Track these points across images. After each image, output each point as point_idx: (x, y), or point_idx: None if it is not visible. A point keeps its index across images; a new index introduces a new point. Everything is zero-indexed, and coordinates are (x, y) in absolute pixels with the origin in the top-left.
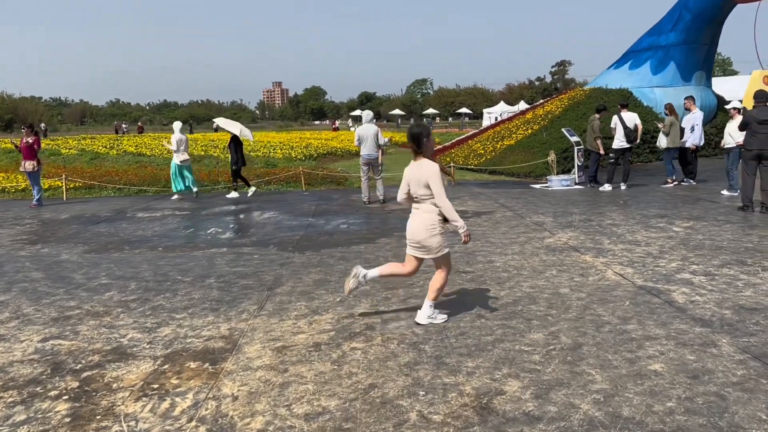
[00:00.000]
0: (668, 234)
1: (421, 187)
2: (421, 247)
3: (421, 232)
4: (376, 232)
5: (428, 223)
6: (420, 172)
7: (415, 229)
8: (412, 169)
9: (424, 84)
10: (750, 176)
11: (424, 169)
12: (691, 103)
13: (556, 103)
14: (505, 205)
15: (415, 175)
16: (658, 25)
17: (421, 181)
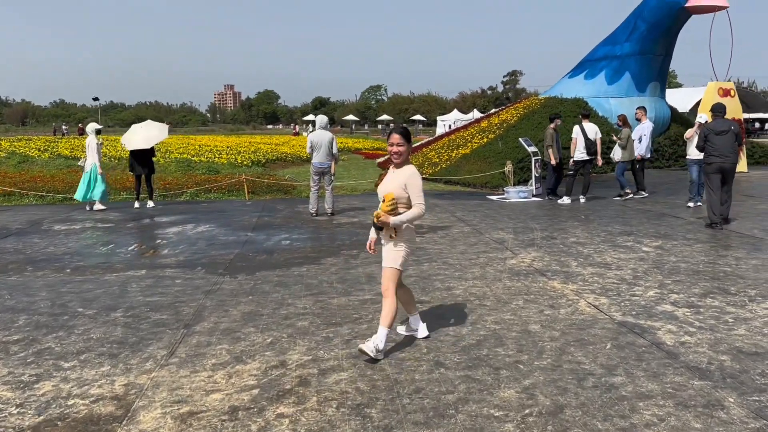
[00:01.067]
0: (638, 255)
1: (399, 190)
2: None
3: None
4: (321, 251)
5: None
6: (400, 176)
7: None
8: (391, 173)
9: (379, 90)
10: (715, 192)
11: (403, 172)
12: (643, 114)
13: (511, 111)
14: (463, 219)
15: (394, 178)
16: (614, 35)
17: (399, 185)
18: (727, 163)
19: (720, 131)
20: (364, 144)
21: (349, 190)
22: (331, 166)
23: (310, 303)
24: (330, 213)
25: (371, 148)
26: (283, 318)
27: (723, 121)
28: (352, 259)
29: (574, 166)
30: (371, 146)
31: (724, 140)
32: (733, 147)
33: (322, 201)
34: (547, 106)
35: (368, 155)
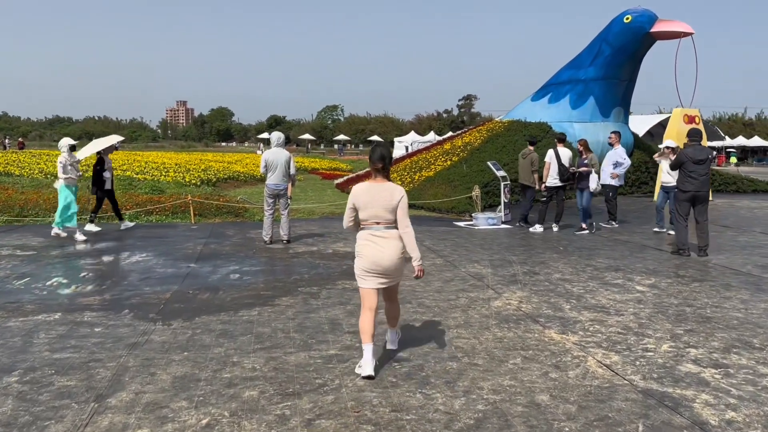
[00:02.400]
0: (634, 295)
1: (389, 210)
2: (389, 276)
3: (397, 260)
4: (276, 287)
5: (401, 249)
6: (390, 194)
7: (388, 259)
8: (373, 190)
9: (335, 110)
10: (684, 219)
11: (394, 191)
12: (617, 139)
13: (474, 134)
14: (433, 249)
15: (380, 197)
16: (578, 59)
17: (390, 204)
18: (702, 192)
19: (698, 160)
20: (320, 164)
21: (306, 213)
22: (288, 188)
23: (261, 361)
24: (286, 240)
25: (328, 168)
26: (226, 385)
27: (701, 148)
28: (312, 298)
29: (547, 193)
30: (328, 166)
31: (702, 169)
32: (707, 176)
33: (278, 226)
34: (510, 130)
35: (326, 175)
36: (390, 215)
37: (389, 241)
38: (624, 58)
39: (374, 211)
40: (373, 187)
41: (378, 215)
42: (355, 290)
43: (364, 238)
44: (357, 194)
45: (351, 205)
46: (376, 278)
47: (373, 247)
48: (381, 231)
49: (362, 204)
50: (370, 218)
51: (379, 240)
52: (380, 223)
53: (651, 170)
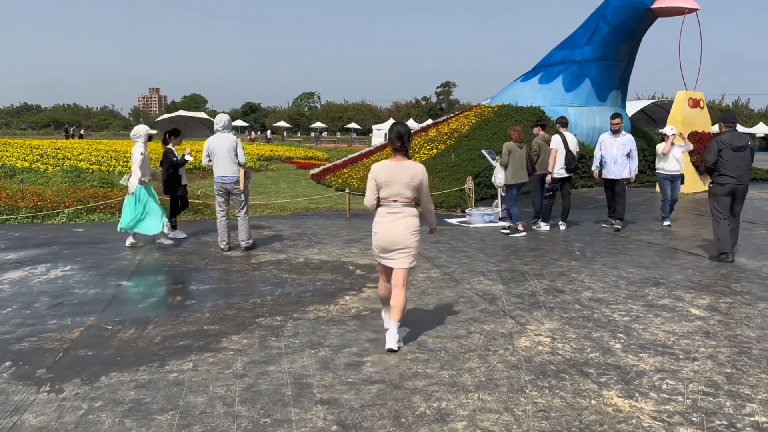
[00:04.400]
0: (694, 324)
1: (409, 189)
2: (403, 255)
3: (408, 236)
4: (226, 318)
5: (414, 227)
6: (412, 173)
7: (401, 235)
8: (393, 169)
9: (312, 97)
10: (725, 217)
11: (416, 169)
12: (620, 123)
13: (461, 120)
14: (425, 255)
15: (401, 175)
16: (572, 38)
17: (413, 182)
18: (742, 184)
19: (738, 147)
20: (296, 152)
21: (276, 209)
22: (240, 180)
23: None
24: (246, 247)
25: (304, 157)
26: None
27: (739, 135)
28: (273, 337)
29: (553, 186)
30: (304, 155)
31: (741, 157)
32: (748, 166)
33: (236, 231)
34: (501, 115)
35: (301, 165)
36: (410, 193)
37: (403, 217)
38: (622, 37)
39: (395, 189)
40: (393, 165)
41: (398, 193)
42: (333, 321)
43: (380, 215)
44: (377, 173)
45: (373, 183)
46: (384, 257)
47: (386, 224)
48: (397, 208)
49: (383, 182)
50: (390, 196)
51: (392, 217)
52: (398, 201)
53: (648, 158)
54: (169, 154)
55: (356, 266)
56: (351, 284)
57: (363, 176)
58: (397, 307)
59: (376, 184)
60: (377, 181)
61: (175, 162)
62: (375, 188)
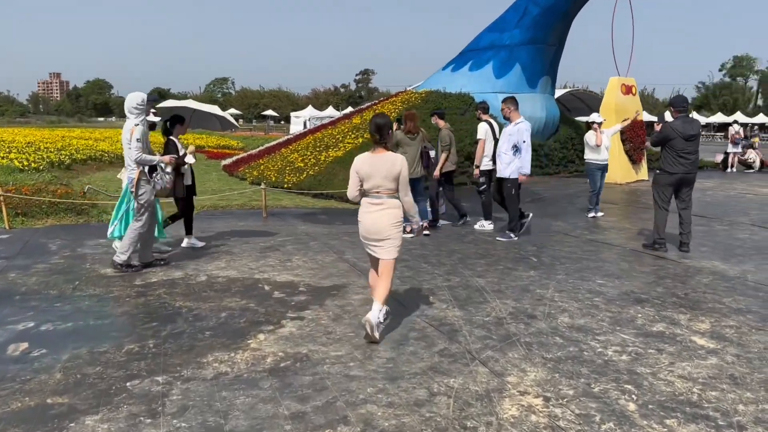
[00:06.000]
0: (708, 362)
1: (389, 180)
2: (384, 243)
3: (390, 228)
4: (85, 381)
5: (396, 219)
6: (391, 164)
7: (384, 226)
8: (374, 161)
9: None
10: (666, 207)
11: (396, 161)
12: (514, 109)
13: (387, 107)
14: (360, 267)
15: (381, 167)
16: (501, 20)
17: (391, 173)
18: (691, 173)
19: (689, 135)
20: (207, 140)
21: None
22: (133, 180)
23: None
24: (114, 263)
25: (216, 146)
26: None
27: (691, 121)
28: (148, 416)
29: (483, 179)
30: (216, 143)
31: (692, 146)
32: (697, 155)
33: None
34: (429, 101)
35: (212, 154)
36: (392, 184)
37: (385, 208)
38: (554, 19)
39: (376, 181)
40: (373, 158)
41: (379, 185)
42: (240, 382)
43: (364, 206)
44: (359, 165)
45: (355, 176)
46: (374, 246)
47: (369, 214)
48: (380, 199)
49: (365, 175)
50: (372, 188)
51: (374, 207)
52: (381, 192)
53: (577, 147)
54: (171, 147)
55: (273, 285)
56: (266, 314)
57: (281, 168)
58: (379, 293)
59: (357, 176)
60: (359, 173)
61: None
62: (356, 181)
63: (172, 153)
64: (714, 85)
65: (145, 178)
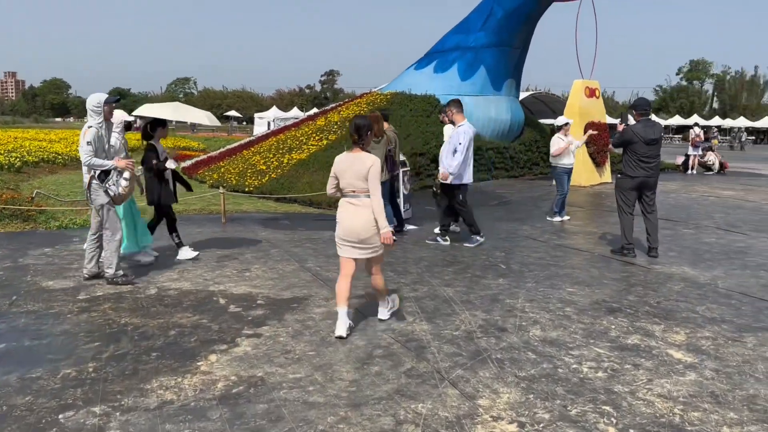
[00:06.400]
0: (690, 379)
1: (361, 179)
2: (365, 246)
3: (368, 229)
4: (13, 413)
5: (372, 219)
6: (361, 163)
7: (362, 228)
8: (349, 161)
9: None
10: (631, 211)
11: (366, 161)
12: (458, 112)
13: (352, 108)
14: (321, 276)
15: (354, 166)
16: (466, 22)
17: (361, 172)
18: (653, 177)
19: (651, 140)
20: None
21: None
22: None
23: None
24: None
25: (177, 147)
26: None
27: (653, 124)
28: None
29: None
30: (176, 145)
31: (654, 150)
32: (659, 159)
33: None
34: (395, 103)
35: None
36: (363, 184)
37: (363, 209)
38: (518, 22)
39: (349, 180)
40: (349, 157)
41: (353, 184)
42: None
43: (342, 206)
44: (336, 163)
45: (332, 174)
46: (351, 247)
47: (347, 215)
48: (357, 199)
49: (339, 173)
50: (346, 187)
51: (352, 208)
52: (356, 192)
53: (542, 150)
54: (151, 153)
55: (229, 298)
56: (220, 331)
57: (242, 170)
58: (379, 291)
59: (334, 175)
60: (335, 172)
61: (155, 165)
62: (333, 179)
63: (153, 158)
64: (671, 89)
65: (96, 182)
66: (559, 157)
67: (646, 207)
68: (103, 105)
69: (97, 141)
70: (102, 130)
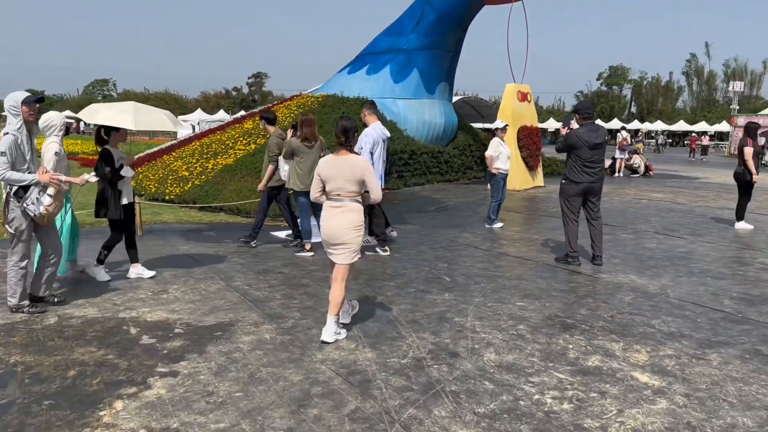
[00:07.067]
0: (661, 407)
1: (352, 183)
2: (336, 249)
3: (348, 232)
4: None
5: (356, 222)
6: (352, 167)
7: (341, 229)
8: (336, 163)
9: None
10: (576, 219)
11: (357, 163)
12: (370, 114)
13: (282, 110)
14: (250, 295)
15: (343, 170)
16: (398, 24)
17: (354, 176)
18: (598, 182)
19: (595, 144)
20: (81, 146)
21: None
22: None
23: None
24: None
25: (92, 152)
26: None
27: (597, 129)
28: None
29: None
30: (92, 149)
31: (598, 155)
32: (603, 164)
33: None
34: (326, 106)
35: (86, 161)
36: (353, 187)
37: (344, 212)
38: (449, 25)
39: (338, 184)
40: (336, 160)
41: (341, 187)
42: None
43: (325, 209)
44: (322, 167)
45: (317, 178)
46: (328, 249)
47: (329, 217)
48: (340, 202)
49: (327, 177)
50: (333, 191)
51: (334, 210)
52: (341, 195)
53: (475, 154)
54: (105, 158)
55: (142, 327)
56: (129, 370)
57: (162, 177)
58: (333, 301)
59: (320, 178)
60: (321, 175)
61: (108, 174)
62: (319, 183)
63: (107, 165)
64: (592, 94)
65: (13, 200)
66: (497, 162)
67: (591, 213)
68: (21, 105)
69: (14, 150)
70: (22, 137)
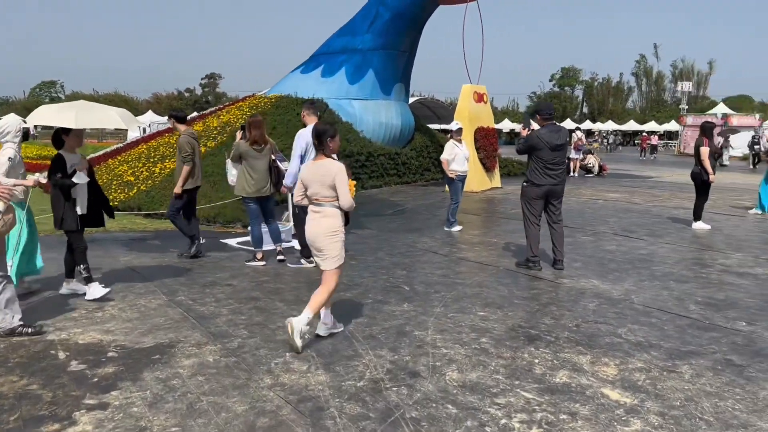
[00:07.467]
0: (636, 429)
1: (325, 187)
2: (323, 256)
3: (322, 238)
4: None
5: (331, 228)
6: (326, 171)
7: (317, 236)
8: (314, 168)
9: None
10: (537, 222)
11: (330, 168)
12: (309, 114)
13: (234, 112)
14: (194, 313)
15: (318, 174)
16: (352, 24)
17: (325, 181)
18: (560, 184)
19: (556, 146)
20: (28, 150)
21: None
22: None
23: None
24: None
25: (37, 156)
26: None
27: (558, 129)
28: None
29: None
30: (37, 153)
31: (560, 156)
32: (565, 166)
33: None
34: (280, 107)
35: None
36: (328, 192)
37: (322, 217)
38: (404, 25)
39: (314, 189)
40: (314, 165)
41: (318, 192)
42: None
43: (308, 213)
44: (303, 172)
45: (299, 182)
46: (313, 252)
47: (309, 222)
48: (320, 207)
49: (306, 181)
50: (312, 195)
51: (314, 215)
52: (319, 200)
53: (432, 155)
54: (57, 164)
55: (72, 351)
56: (53, 403)
57: (106, 182)
58: (312, 300)
59: (302, 183)
60: (302, 180)
61: (59, 181)
62: (301, 187)
63: (59, 171)
64: (545, 95)
65: None
66: (454, 164)
67: (552, 216)
68: None
69: None
70: None
